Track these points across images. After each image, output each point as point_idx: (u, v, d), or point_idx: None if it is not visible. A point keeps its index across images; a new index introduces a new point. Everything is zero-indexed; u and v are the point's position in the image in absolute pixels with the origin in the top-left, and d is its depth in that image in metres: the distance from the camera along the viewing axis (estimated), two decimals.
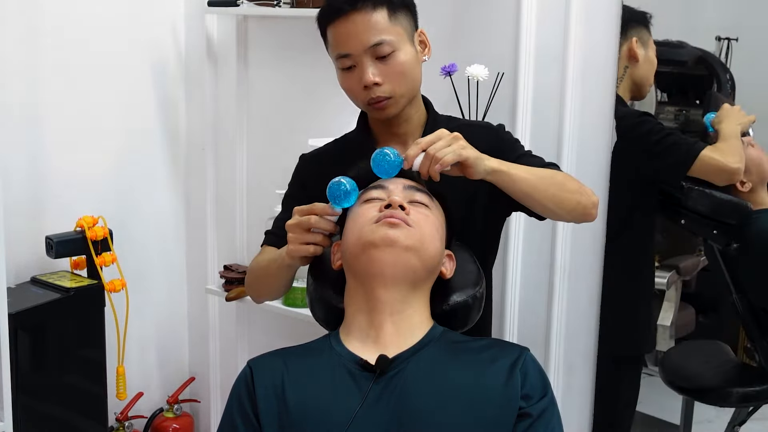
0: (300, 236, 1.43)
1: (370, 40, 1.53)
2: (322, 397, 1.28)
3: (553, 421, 1.29)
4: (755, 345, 2.27)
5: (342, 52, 1.56)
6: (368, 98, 1.56)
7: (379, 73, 1.54)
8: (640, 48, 2.24)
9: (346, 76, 1.58)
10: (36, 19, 2.43)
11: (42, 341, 2.32)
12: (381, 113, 1.59)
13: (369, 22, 1.53)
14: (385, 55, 1.54)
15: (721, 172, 2.12)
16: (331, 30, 1.58)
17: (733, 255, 2.24)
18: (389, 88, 1.56)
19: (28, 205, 2.46)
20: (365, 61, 1.54)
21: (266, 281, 1.62)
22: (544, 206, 1.52)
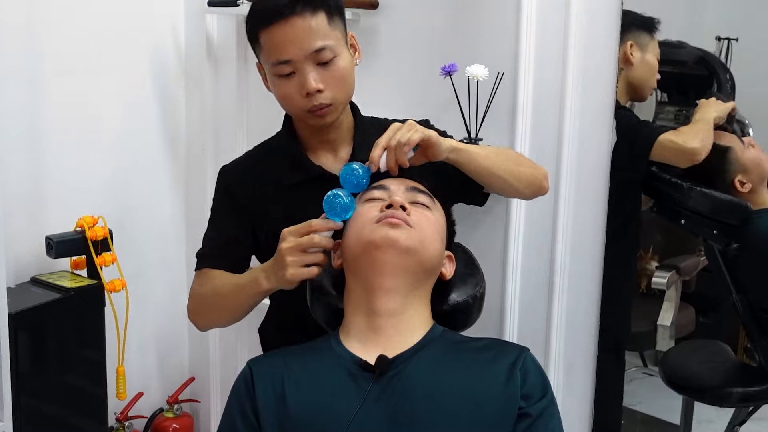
0: (300, 258, 1.38)
1: (312, 45, 1.47)
2: (321, 398, 1.28)
3: (553, 420, 1.29)
4: (755, 345, 2.27)
5: (281, 58, 1.48)
6: (309, 106, 1.50)
7: (320, 80, 1.49)
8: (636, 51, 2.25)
9: (284, 83, 1.51)
10: (36, 19, 2.43)
11: (42, 341, 2.32)
12: (320, 120, 1.54)
13: (310, 27, 1.47)
14: (326, 61, 1.49)
15: (680, 153, 2.14)
16: (266, 35, 1.49)
17: (733, 255, 2.24)
18: (331, 94, 1.51)
19: (28, 205, 2.46)
20: (306, 68, 1.48)
21: (228, 308, 1.54)
22: (504, 180, 1.57)
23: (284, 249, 1.38)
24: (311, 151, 1.62)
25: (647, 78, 2.29)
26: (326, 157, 1.61)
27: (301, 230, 1.39)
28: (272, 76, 1.52)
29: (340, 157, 1.62)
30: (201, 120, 2.74)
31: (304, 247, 1.38)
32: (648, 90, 2.33)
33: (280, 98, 1.54)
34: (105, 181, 2.66)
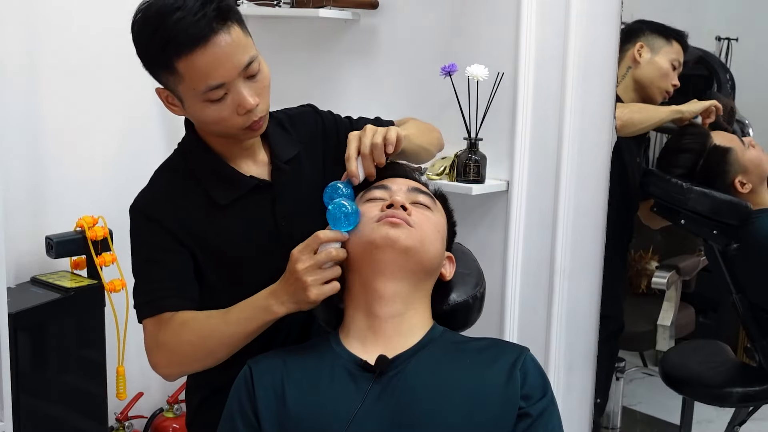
0: (320, 277, 1.31)
1: (243, 60, 1.36)
2: (321, 398, 1.28)
3: (553, 420, 1.29)
4: (755, 345, 2.27)
5: (213, 83, 1.34)
6: (249, 123, 1.41)
7: (255, 93, 1.39)
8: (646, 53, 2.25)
9: (216, 107, 1.38)
10: (36, 20, 2.43)
11: (42, 341, 2.32)
12: (256, 134, 1.46)
13: (234, 41, 1.35)
14: (254, 74, 1.39)
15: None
16: (188, 62, 1.33)
17: (733, 255, 2.24)
18: (263, 105, 1.42)
19: (28, 205, 2.46)
20: (239, 86, 1.37)
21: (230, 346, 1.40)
22: (429, 151, 1.63)
23: (301, 270, 1.30)
24: (231, 161, 1.50)
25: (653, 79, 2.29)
26: (248, 165, 1.51)
27: (312, 246, 1.32)
28: (199, 103, 1.38)
29: (260, 160, 1.54)
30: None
31: (321, 264, 1.31)
32: (656, 92, 2.33)
33: (213, 122, 1.41)
34: (105, 181, 2.65)
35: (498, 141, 2.13)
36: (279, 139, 1.56)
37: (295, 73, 2.57)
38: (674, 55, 2.30)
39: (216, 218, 1.47)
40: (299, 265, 1.31)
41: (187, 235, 1.46)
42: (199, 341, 1.42)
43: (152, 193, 1.53)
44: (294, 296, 1.33)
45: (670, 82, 2.30)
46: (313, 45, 2.51)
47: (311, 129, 1.61)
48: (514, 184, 2.13)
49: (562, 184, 2.09)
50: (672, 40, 2.30)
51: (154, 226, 1.48)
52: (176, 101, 1.44)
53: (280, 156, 1.53)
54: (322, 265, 1.31)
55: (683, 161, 2.26)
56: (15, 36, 2.39)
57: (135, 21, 1.42)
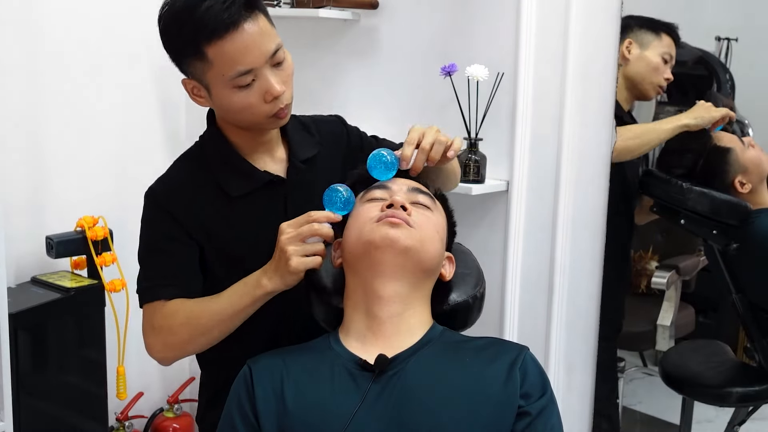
0: (301, 248, 1.34)
1: (270, 47, 1.40)
2: (321, 397, 1.28)
3: (553, 419, 1.29)
4: (755, 345, 2.27)
5: (242, 68, 1.38)
6: (275, 110, 1.43)
7: (280, 81, 1.42)
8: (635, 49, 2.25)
9: (244, 94, 1.41)
10: (36, 20, 2.43)
11: (42, 341, 2.32)
12: (280, 123, 1.48)
13: (260, 28, 1.39)
14: (281, 61, 1.43)
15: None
16: (218, 47, 1.37)
17: (733, 255, 2.24)
18: (288, 94, 1.45)
19: (28, 205, 2.46)
20: (267, 73, 1.40)
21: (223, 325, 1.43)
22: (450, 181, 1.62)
23: (284, 240, 1.35)
24: (248, 156, 1.53)
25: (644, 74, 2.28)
26: (264, 161, 1.53)
27: (301, 221, 1.36)
28: (227, 90, 1.41)
29: (278, 158, 1.56)
30: (201, 120, 2.74)
31: (304, 237, 1.34)
32: (649, 87, 2.32)
33: (239, 109, 1.43)
34: (105, 181, 2.66)
35: (498, 141, 2.13)
36: (299, 138, 1.58)
37: (296, 73, 2.56)
38: (665, 49, 2.28)
39: (227, 211, 1.49)
40: (283, 236, 1.35)
41: (197, 227, 1.48)
42: (192, 321, 1.44)
43: (168, 182, 1.55)
44: (278, 268, 1.36)
45: (662, 76, 2.29)
46: (313, 45, 2.52)
47: (335, 136, 1.61)
48: (514, 184, 2.13)
49: (562, 184, 2.09)
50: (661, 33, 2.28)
51: (165, 216, 1.49)
52: (202, 92, 1.47)
53: (297, 154, 1.55)
54: (305, 237, 1.34)
55: (683, 161, 2.26)
56: (15, 36, 2.39)
57: (163, 13, 1.43)
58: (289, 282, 1.37)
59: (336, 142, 1.61)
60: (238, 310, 1.41)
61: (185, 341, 1.46)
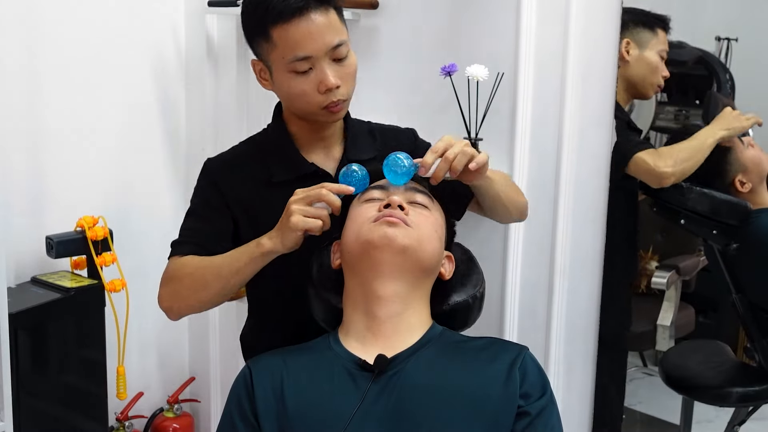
0: (305, 208, 1.36)
1: (332, 41, 1.47)
2: (321, 397, 1.28)
3: (552, 419, 1.29)
4: (755, 345, 2.27)
5: (301, 54, 1.45)
6: (327, 102, 1.49)
7: (337, 76, 1.48)
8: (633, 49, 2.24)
9: (299, 80, 1.48)
10: (36, 20, 2.43)
11: (42, 341, 2.32)
12: (333, 117, 1.53)
13: (328, 22, 1.47)
14: (342, 57, 1.49)
15: (649, 175, 2.14)
16: (283, 30, 1.45)
17: (733, 255, 2.24)
18: (345, 90, 1.51)
19: (28, 205, 2.46)
20: (324, 64, 1.47)
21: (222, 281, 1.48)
22: (506, 207, 1.59)
23: (291, 199, 1.38)
24: (303, 148, 1.59)
25: (645, 75, 2.28)
26: (318, 155, 1.59)
27: (313, 188, 1.38)
28: (285, 73, 1.49)
29: (332, 155, 1.61)
30: (201, 120, 2.74)
31: (311, 199, 1.36)
32: (649, 87, 2.31)
33: (294, 95, 1.51)
34: (105, 181, 2.66)
35: (498, 141, 2.12)
36: (359, 140, 1.62)
37: None
38: (662, 46, 2.28)
39: (267, 194, 1.54)
40: (292, 198, 1.38)
41: (237, 202, 1.56)
42: (196, 272, 1.51)
43: (223, 156, 1.66)
44: (280, 227, 1.39)
45: (661, 74, 2.28)
46: None
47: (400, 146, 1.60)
48: None
49: (562, 183, 2.09)
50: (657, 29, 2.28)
51: (211, 185, 1.60)
52: (266, 74, 1.55)
53: (351, 154, 1.59)
54: (312, 200, 1.36)
55: None
56: (15, 35, 2.39)
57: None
58: (287, 243, 1.38)
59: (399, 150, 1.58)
60: (238, 268, 1.45)
61: (187, 292, 1.52)
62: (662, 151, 2.16)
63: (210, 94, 2.68)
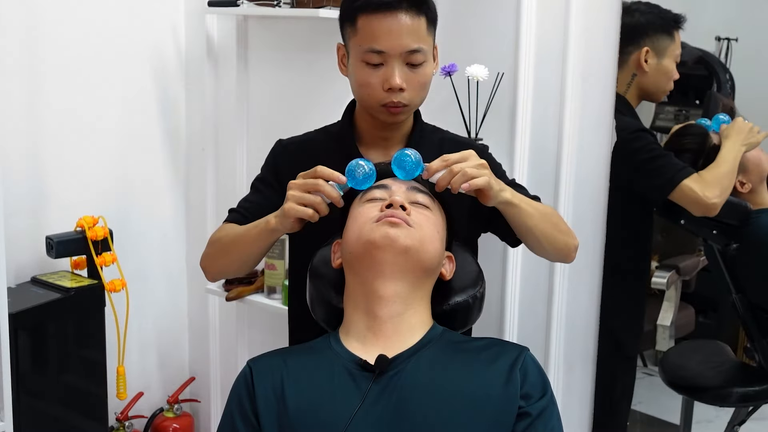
0: (300, 195, 1.39)
1: (410, 45, 1.50)
2: (321, 397, 1.28)
3: (553, 420, 1.29)
4: (755, 345, 2.27)
5: (376, 47, 1.50)
6: (387, 101, 1.53)
7: (405, 79, 1.51)
8: (652, 58, 2.20)
9: (368, 71, 1.52)
10: (36, 20, 2.43)
11: (42, 341, 2.32)
12: (390, 117, 1.57)
13: (413, 26, 1.50)
14: (416, 64, 1.52)
15: (697, 205, 2.07)
16: (368, 20, 1.50)
17: (733, 255, 2.24)
18: (409, 96, 1.53)
19: (28, 205, 2.46)
20: (396, 64, 1.51)
21: (238, 249, 1.56)
22: (539, 241, 1.55)
23: (290, 184, 1.41)
24: (364, 144, 1.63)
25: (662, 84, 2.24)
26: (376, 153, 1.61)
27: (310, 173, 1.40)
28: (358, 61, 1.53)
29: (390, 155, 1.57)
30: (201, 120, 2.74)
31: (307, 188, 1.38)
32: (662, 94, 2.29)
33: (359, 84, 1.55)
34: (105, 181, 2.66)
35: (498, 141, 2.12)
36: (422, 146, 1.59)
37: (295, 73, 2.57)
38: (678, 50, 2.23)
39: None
40: (291, 182, 1.42)
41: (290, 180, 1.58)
42: (223, 237, 1.60)
43: (290, 142, 1.71)
44: (281, 209, 1.42)
45: (674, 79, 2.26)
46: (313, 45, 2.51)
47: None
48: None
49: (562, 183, 2.09)
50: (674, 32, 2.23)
51: (272, 163, 1.69)
52: (345, 60, 1.60)
53: None
54: (308, 189, 1.38)
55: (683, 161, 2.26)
56: (15, 36, 2.39)
57: None
58: (285, 225, 1.42)
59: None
60: (250, 238, 1.51)
61: (215, 255, 1.61)
62: (707, 178, 2.07)
63: (210, 94, 2.68)
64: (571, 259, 1.65)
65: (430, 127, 1.71)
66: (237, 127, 2.65)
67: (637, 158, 2.12)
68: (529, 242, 1.57)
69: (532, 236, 1.53)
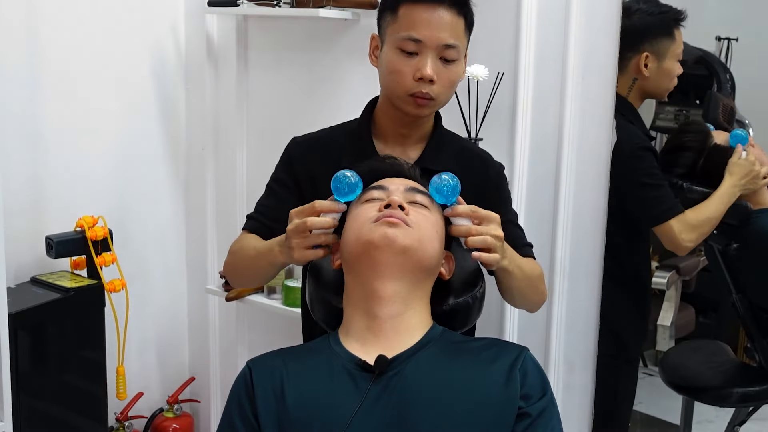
0: (303, 241, 1.39)
1: (447, 39, 1.54)
2: (321, 398, 1.28)
3: (553, 420, 1.29)
4: (755, 345, 2.27)
5: (414, 36, 1.53)
6: (416, 90, 1.55)
7: (437, 72, 1.54)
8: (652, 62, 2.17)
9: (402, 59, 1.55)
10: (36, 20, 2.43)
11: (42, 341, 2.32)
12: (417, 109, 1.58)
13: (452, 23, 1.54)
14: (449, 59, 1.55)
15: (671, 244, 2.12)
16: (410, 9, 1.54)
17: (733, 255, 2.24)
18: (438, 90, 1.56)
19: (28, 205, 2.46)
20: (430, 55, 1.53)
21: (252, 272, 1.60)
22: (513, 298, 1.59)
23: (289, 231, 1.40)
24: (383, 141, 1.64)
25: (664, 84, 2.22)
26: (394, 152, 1.60)
27: (305, 211, 1.39)
28: (393, 48, 1.55)
29: (408, 155, 1.63)
30: (201, 120, 2.74)
31: (307, 228, 1.38)
32: (665, 92, 2.28)
33: (389, 71, 1.57)
34: (105, 181, 2.66)
35: (498, 141, 2.12)
36: (441, 151, 1.64)
37: (295, 73, 2.57)
38: (679, 49, 2.20)
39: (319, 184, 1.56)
40: (289, 226, 1.41)
41: (307, 179, 1.63)
42: (239, 252, 1.62)
43: (305, 139, 1.71)
44: (286, 251, 1.43)
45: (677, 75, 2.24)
46: (313, 45, 2.51)
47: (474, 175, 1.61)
48: (514, 184, 2.13)
49: (562, 183, 2.09)
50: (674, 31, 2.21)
51: (286, 162, 1.68)
52: (377, 51, 1.62)
53: (426, 161, 1.61)
54: (308, 229, 1.38)
55: (683, 160, 2.25)
56: (15, 36, 2.39)
57: None
58: (296, 264, 1.46)
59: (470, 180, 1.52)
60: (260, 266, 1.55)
61: (233, 267, 1.65)
62: (691, 221, 2.10)
63: (210, 94, 2.68)
64: (536, 310, 1.69)
65: (448, 133, 1.72)
66: (237, 127, 2.65)
67: (636, 179, 2.13)
68: (504, 294, 1.59)
69: (509, 293, 1.57)
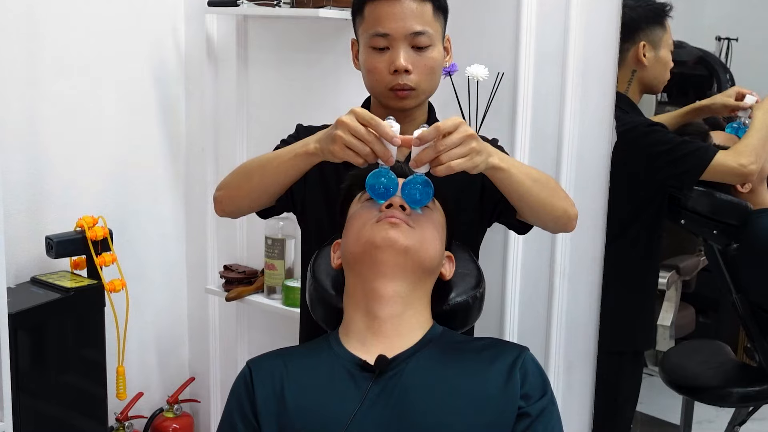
0: (348, 139, 1.31)
1: (414, 27, 1.53)
2: (321, 398, 1.28)
3: (553, 420, 1.29)
4: (755, 345, 2.27)
5: (381, 31, 1.54)
6: (393, 83, 1.55)
7: (411, 62, 1.54)
8: (649, 51, 2.20)
9: (375, 56, 1.56)
10: (35, 20, 2.43)
11: (42, 341, 2.32)
12: (400, 102, 1.57)
13: (416, 10, 1.54)
14: (421, 47, 1.55)
15: (735, 176, 2.09)
16: (372, 6, 1.55)
17: (733, 255, 2.24)
18: (416, 79, 1.55)
19: (28, 205, 2.46)
20: (401, 46, 1.53)
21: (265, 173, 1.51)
22: (534, 209, 1.50)
23: (341, 122, 1.32)
24: None
25: (661, 75, 2.25)
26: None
27: (365, 117, 1.31)
28: (366, 48, 1.57)
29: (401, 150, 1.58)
30: (201, 120, 2.74)
31: (357, 133, 1.31)
32: (662, 85, 2.29)
33: (367, 71, 1.58)
34: (105, 181, 2.66)
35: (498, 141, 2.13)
36: None
37: (295, 73, 2.57)
38: (670, 39, 2.25)
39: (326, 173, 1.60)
40: (344, 118, 1.32)
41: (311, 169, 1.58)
42: (247, 163, 1.58)
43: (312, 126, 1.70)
44: (326, 139, 1.36)
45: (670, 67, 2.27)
46: (313, 45, 2.51)
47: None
48: None
49: (562, 183, 2.09)
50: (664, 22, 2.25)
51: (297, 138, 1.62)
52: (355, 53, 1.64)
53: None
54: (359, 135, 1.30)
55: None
56: (15, 37, 2.39)
57: None
58: (328, 157, 1.38)
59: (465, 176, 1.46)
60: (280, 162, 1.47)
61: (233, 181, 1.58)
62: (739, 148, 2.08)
63: (210, 94, 2.68)
64: (571, 227, 1.59)
65: None
66: (237, 127, 2.65)
67: (656, 150, 2.12)
68: (524, 212, 1.51)
69: (526, 204, 1.47)
